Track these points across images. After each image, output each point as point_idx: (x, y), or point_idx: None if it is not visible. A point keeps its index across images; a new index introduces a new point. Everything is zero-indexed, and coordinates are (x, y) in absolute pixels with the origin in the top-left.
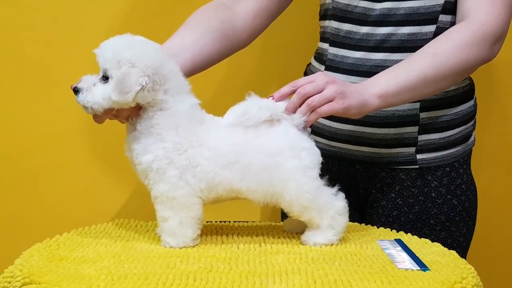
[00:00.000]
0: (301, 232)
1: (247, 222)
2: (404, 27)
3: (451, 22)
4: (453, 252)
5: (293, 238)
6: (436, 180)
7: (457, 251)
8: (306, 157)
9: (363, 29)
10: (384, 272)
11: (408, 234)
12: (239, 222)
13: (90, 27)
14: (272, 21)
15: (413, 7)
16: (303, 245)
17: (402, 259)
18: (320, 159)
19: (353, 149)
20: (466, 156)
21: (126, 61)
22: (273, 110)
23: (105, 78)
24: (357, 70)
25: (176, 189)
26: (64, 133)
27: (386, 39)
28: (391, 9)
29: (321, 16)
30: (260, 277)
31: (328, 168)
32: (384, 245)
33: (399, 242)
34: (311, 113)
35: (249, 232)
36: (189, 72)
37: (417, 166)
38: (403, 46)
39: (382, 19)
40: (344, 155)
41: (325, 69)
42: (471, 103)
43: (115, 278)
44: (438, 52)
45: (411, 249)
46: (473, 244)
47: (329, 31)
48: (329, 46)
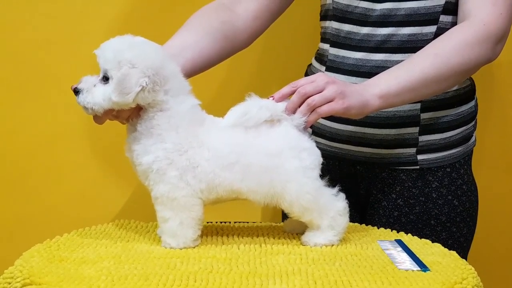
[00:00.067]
0: (302, 232)
1: (247, 222)
2: (405, 28)
3: (451, 23)
4: (454, 253)
5: (293, 238)
6: (437, 181)
7: (458, 252)
8: (307, 157)
9: (364, 30)
10: (385, 272)
11: (409, 234)
12: (239, 222)
13: (90, 27)
14: (272, 22)
15: (413, 8)
16: (304, 245)
17: (403, 260)
18: (321, 159)
19: (354, 149)
20: (467, 156)
21: (127, 61)
22: (274, 110)
23: (106, 79)
24: (358, 70)
25: (176, 190)
26: (64, 133)
27: (387, 40)
28: (391, 9)
29: (321, 17)
30: (260, 277)
31: (329, 169)
32: (384, 245)
33: (400, 242)
34: (311, 113)
35: (250, 232)
36: (189, 73)
37: (418, 167)
38: (404, 46)
39: (383, 19)
40: (345, 156)
41: (326, 70)
42: (472, 103)
43: (116, 279)
44: (439, 53)
45: (411, 249)
46: (473, 245)
47: (329, 31)
48: (330, 46)
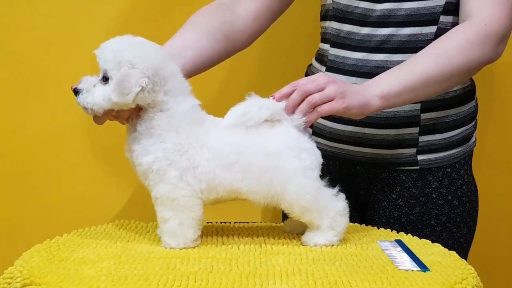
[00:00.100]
0: (302, 233)
1: (247, 223)
2: (405, 28)
3: (452, 23)
4: (453, 253)
5: (293, 239)
6: (437, 181)
7: (458, 252)
8: (307, 158)
9: (364, 30)
10: (385, 272)
11: (409, 234)
12: (239, 223)
13: (90, 27)
14: (273, 22)
15: (413, 8)
16: (304, 246)
17: (403, 260)
18: (321, 160)
19: (354, 150)
20: (467, 157)
21: (126, 62)
22: (274, 109)
23: (105, 79)
24: (358, 71)
25: (176, 190)
26: (64, 134)
27: (387, 40)
28: (391, 10)
29: (322, 17)
30: (260, 278)
31: (329, 169)
32: (384, 245)
33: (399, 242)
34: (311, 112)
35: (250, 233)
36: (189, 73)
37: (418, 167)
38: (404, 47)
39: (383, 20)
40: (345, 156)
41: (326, 70)
42: (472, 104)
43: (115, 279)
44: (440, 52)
45: (411, 250)
46: (473, 245)
47: (329, 32)
48: (330, 47)
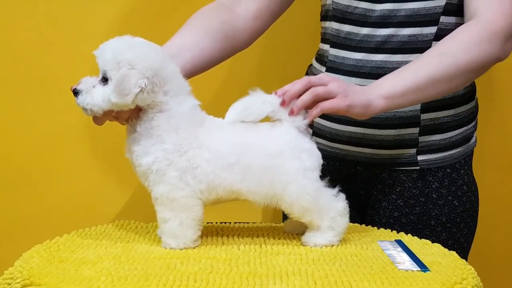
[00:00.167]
0: (302, 233)
1: (247, 223)
2: (405, 29)
3: (452, 24)
4: (453, 253)
5: (293, 239)
6: (437, 181)
7: (458, 252)
8: (307, 158)
9: (364, 30)
10: (384, 273)
11: (409, 235)
12: (239, 223)
13: (90, 28)
14: (273, 22)
15: (413, 9)
16: (304, 246)
17: (402, 260)
18: (321, 161)
19: (354, 150)
20: (467, 157)
21: (126, 62)
22: (276, 105)
23: (105, 79)
24: (358, 71)
25: (176, 191)
26: (64, 134)
27: (387, 41)
28: (391, 10)
29: (322, 17)
30: (260, 278)
31: (329, 169)
32: (384, 246)
33: (399, 243)
34: (313, 108)
35: (250, 233)
36: (189, 73)
37: (418, 167)
38: (404, 47)
39: (383, 20)
40: (345, 157)
41: (326, 70)
42: (472, 104)
43: (115, 279)
44: (445, 52)
45: (411, 250)
46: (473, 245)
47: (329, 32)
48: (330, 47)
